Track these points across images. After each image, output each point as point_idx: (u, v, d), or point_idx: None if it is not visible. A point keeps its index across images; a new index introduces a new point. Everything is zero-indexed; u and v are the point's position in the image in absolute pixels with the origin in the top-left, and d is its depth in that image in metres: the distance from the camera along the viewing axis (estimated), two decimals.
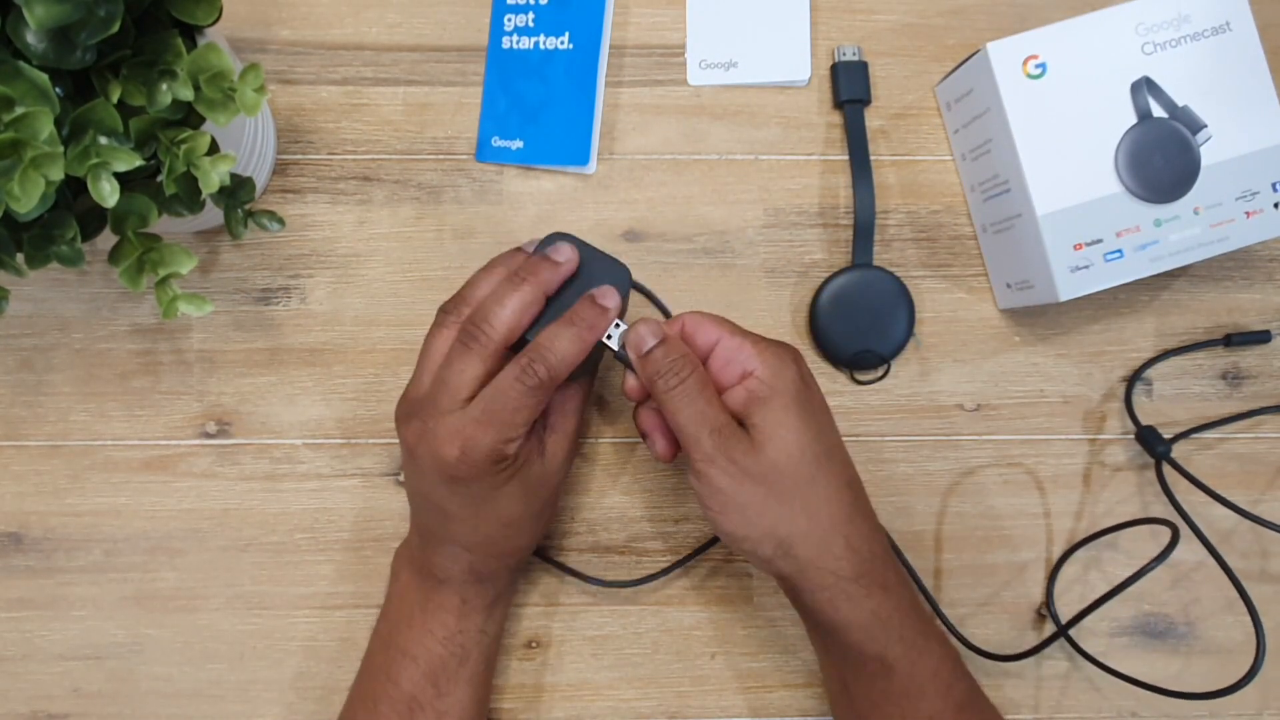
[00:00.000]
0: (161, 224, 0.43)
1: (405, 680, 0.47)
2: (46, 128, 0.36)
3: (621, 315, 0.46)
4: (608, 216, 0.55)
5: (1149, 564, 0.47)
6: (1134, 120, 0.48)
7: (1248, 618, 0.55)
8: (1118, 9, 0.49)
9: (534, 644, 0.54)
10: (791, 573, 0.44)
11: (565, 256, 0.46)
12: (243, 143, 0.48)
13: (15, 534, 0.54)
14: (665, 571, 0.54)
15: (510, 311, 0.44)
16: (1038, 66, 0.48)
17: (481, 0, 0.55)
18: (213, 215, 0.51)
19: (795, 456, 0.42)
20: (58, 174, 0.37)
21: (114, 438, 0.54)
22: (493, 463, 0.44)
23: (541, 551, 0.54)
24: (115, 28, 0.37)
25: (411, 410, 0.45)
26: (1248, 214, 0.49)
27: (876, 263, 0.55)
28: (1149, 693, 0.50)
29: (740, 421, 0.44)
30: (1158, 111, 0.48)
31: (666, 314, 0.54)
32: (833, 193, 0.55)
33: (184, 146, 0.40)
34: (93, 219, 0.42)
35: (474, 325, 0.44)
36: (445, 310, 0.46)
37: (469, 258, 0.55)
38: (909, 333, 0.54)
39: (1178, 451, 0.54)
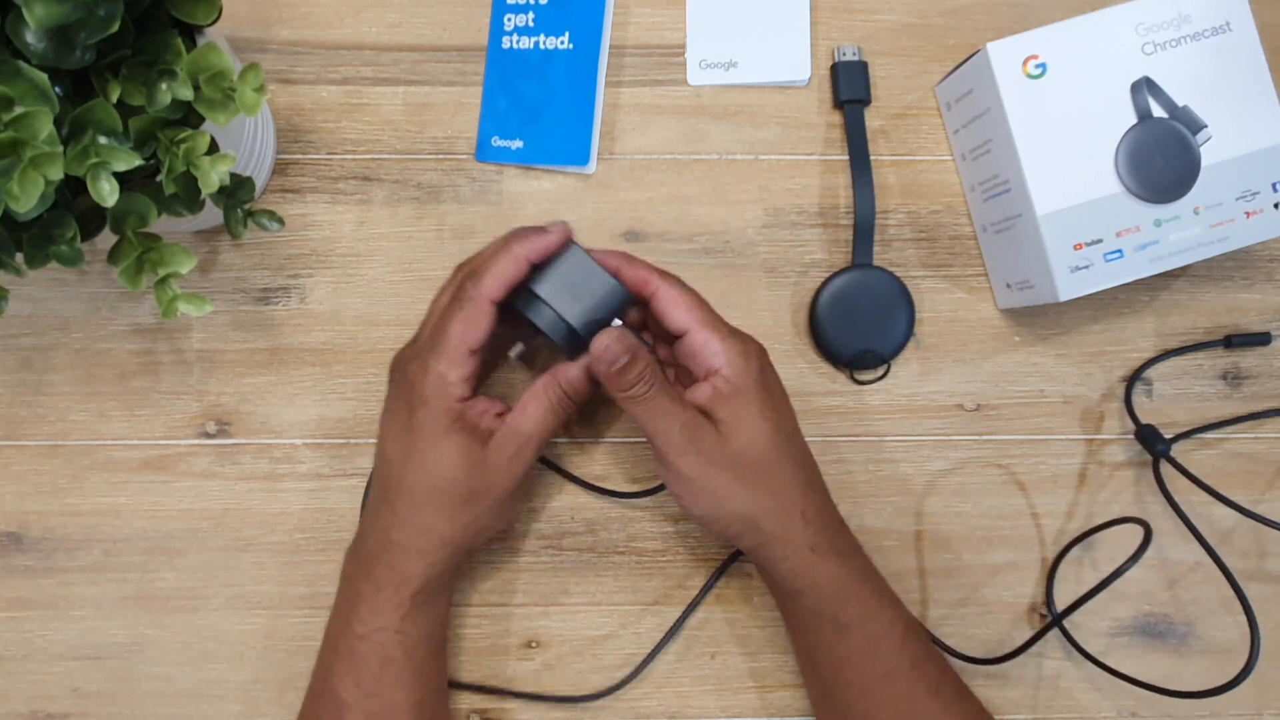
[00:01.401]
0: (161, 224, 0.43)
1: (334, 677, 0.47)
2: (46, 127, 0.36)
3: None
4: (608, 216, 0.55)
5: (1124, 564, 0.47)
6: (1134, 120, 0.48)
7: (1246, 617, 0.55)
8: (1118, 9, 0.48)
9: (533, 644, 0.54)
10: (757, 546, 0.47)
11: (557, 230, 0.47)
12: (242, 143, 0.48)
13: (15, 534, 0.54)
14: (630, 678, 0.54)
15: (493, 272, 0.46)
16: (1038, 66, 0.48)
17: (481, 0, 0.55)
18: (213, 215, 0.51)
19: (758, 445, 0.46)
20: (57, 174, 0.37)
21: (114, 438, 0.54)
22: (440, 381, 0.45)
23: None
24: (115, 27, 0.37)
25: (401, 352, 0.48)
26: (1248, 214, 0.49)
27: (876, 263, 0.55)
28: (1148, 692, 0.50)
29: (705, 414, 0.46)
30: (1158, 111, 0.48)
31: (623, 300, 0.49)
32: (833, 193, 0.55)
33: (184, 146, 0.40)
34: (92, 219, 0.42)
35: (464, 282, 0.46)
36: (458, 267, 0.48)
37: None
38: (909, 333, 0.54)
39: (1177, 451, 0.54)
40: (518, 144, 0.54)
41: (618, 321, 0.47)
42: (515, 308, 0.47)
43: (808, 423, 0.55)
